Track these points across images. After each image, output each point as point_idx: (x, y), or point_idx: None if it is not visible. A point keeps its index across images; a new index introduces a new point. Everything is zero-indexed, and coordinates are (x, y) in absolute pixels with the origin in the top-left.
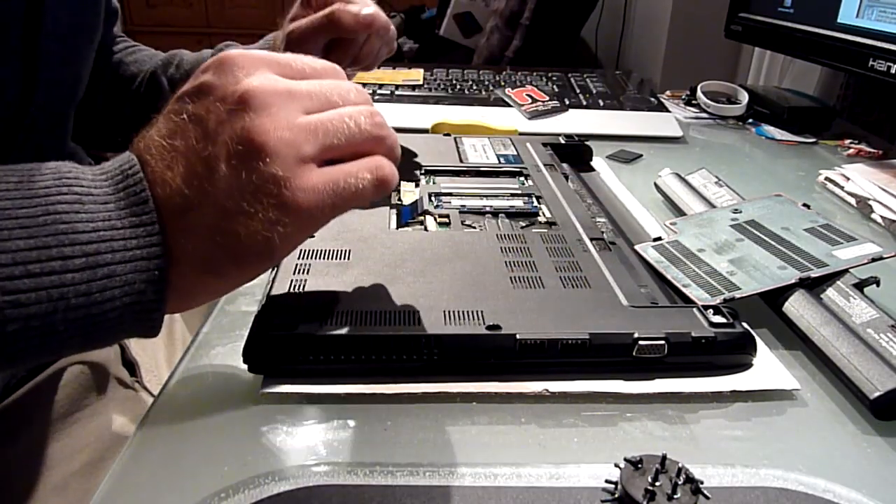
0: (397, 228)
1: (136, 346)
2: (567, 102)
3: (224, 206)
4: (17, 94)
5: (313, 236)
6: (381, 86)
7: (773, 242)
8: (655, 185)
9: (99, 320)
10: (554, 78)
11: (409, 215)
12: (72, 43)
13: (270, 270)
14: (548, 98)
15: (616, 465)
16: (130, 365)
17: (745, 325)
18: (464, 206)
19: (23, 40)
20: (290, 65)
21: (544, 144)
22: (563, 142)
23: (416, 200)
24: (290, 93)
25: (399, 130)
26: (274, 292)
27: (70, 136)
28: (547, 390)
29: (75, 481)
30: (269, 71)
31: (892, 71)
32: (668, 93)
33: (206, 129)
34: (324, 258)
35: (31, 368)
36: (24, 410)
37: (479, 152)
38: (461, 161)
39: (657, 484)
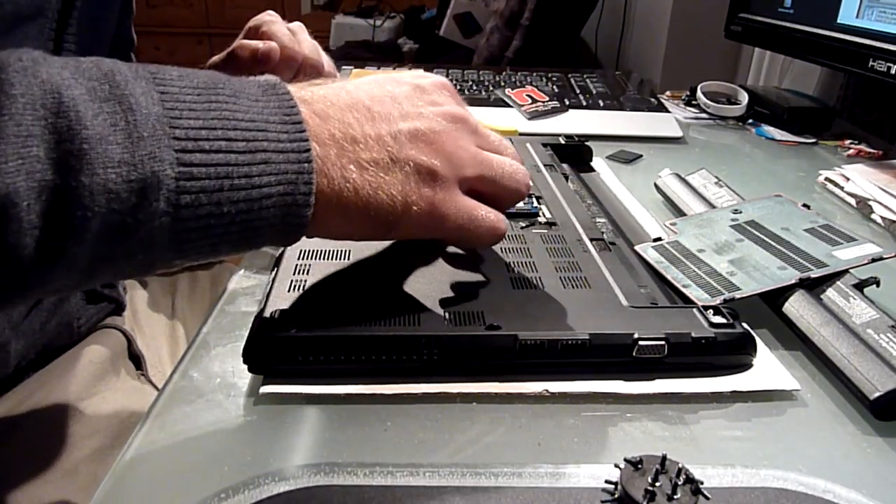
0: None
1: (140, 340)
2: (567, 103)
3: (386, 164)
4: None
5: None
6: None
7: (773, 243)
8: (655, 185)
9: (256, 206)
10: (554, 78)
11: None
12: (91, 37)
13: (270, 270)
14: (548, 98)
15: (616, 466)
16: (136, 359)
17: (745, 325)
18: None
19: (55, 36)
20: (487, 136)
21: (544, 145)
22: (563, 142)
23: None
24: (475, 127)
25: None
26: (274, 292)
27: None
28: (547, 390)
29: (85, 466)
30: (466, 109)
31: (892, 71)
32: (668, 93)
33: (406, 111)
34: (324, 258)
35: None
36: (37, 394)
37: None
38: None
39: (657, 484)
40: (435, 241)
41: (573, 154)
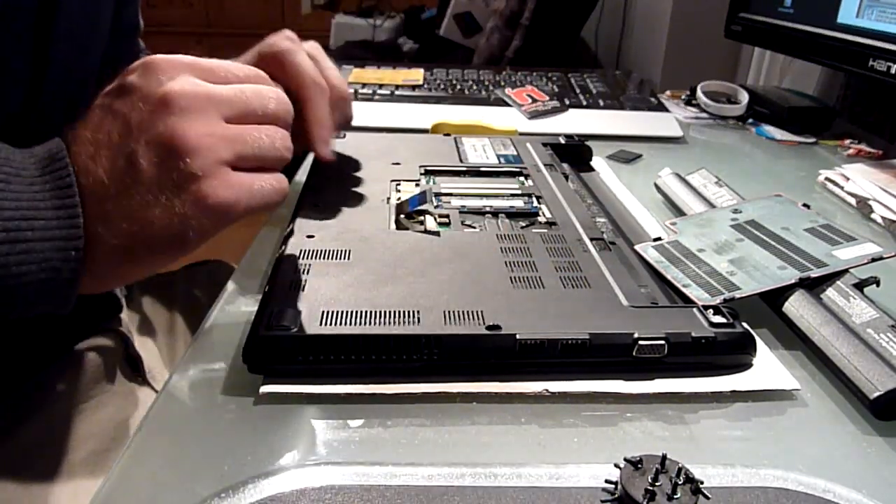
0: (397, 228)
1: (138, 341)
2: (567, 102)
3: (143, 199)
4: (28, 83)
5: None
6: (381, 86)
7: (773, 242)
8: (655, 185)
9: (14, 292)
10: (554, 78)
11: (416, 203)
12: (81, 38)
13: (271, 270)
14: (548, 98)
15: (616, 465)
16: (134, 360)
17: (745, 325)
18: (464, 206)
19: (35, 35)
20: (212, 70)
21: (544, 144)
22: (563, 142)
23: (424, 191)
24: (209, 97)
25: (399, 130)
26: (273, 292)
27: None
28: (547, 390)
29: (81, 469)
30: (191, 75)
31: (892, 71)
32: (668, 93)
33: (128, 126)
34: (324, 258)
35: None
36: (33, 398)
37: (479, 152)
38: (461, 161)
39: (657, 484)
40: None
41: (573, 154)
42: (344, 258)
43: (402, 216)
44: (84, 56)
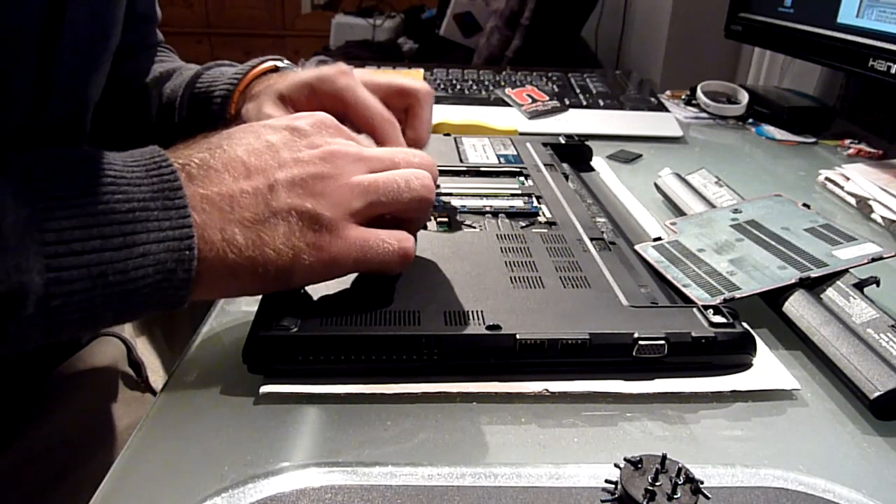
0: None
1: (140, 346)
2: (567, 102)
3: (267, 220)
4: (31, 101)
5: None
6: None
7: (773, 242)
8: (655, 185)
9: (133, 296)
10: (554, 78)
11: None
12: (88, 51)
13: None
14: (548, 98)
15: (616, 465)
16: (136, 365)
17: (745, 325)
18: (464, 206)
19: (38, 52)
20: (362, 141)
21: (544, 144)
22: (563, 142)
23: None
24: (359, 156)
25: None
26: (273, 293)
27: (86, 139)
28: (547, 390)
29: (85, 475)
30: (351, 141)
31: (892, 71)
32: (668, 93)
33: (282, 159)
34: None
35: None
36: (37, 404)
37: (479, 152)
38: (461, 161)
39: (657, 484)
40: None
41: (573, 154)
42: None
43: None
44: (91, 67)
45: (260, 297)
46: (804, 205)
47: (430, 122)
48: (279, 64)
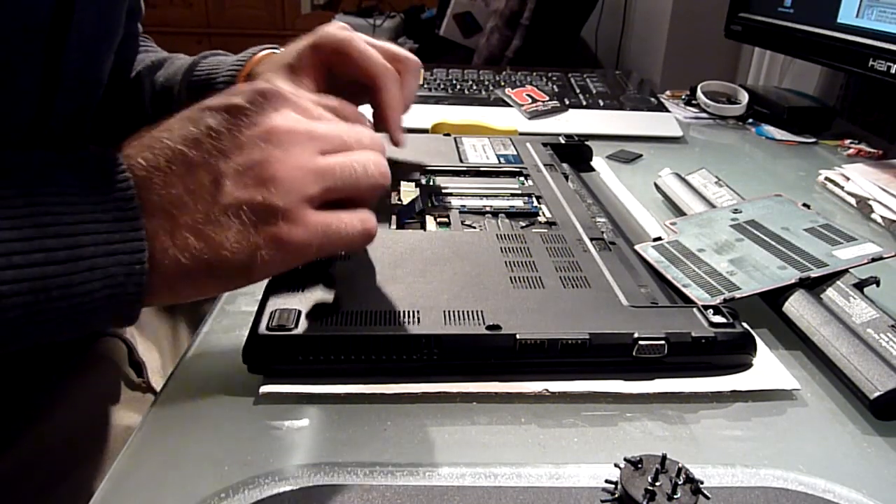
0: (397, 228)
1: (142, 346)
2: (567, 102)
3: (219, 220)
4: (38, 98)
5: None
6: None
7: (773, 242)
8: (655, 185)
9: (79, 311)
10: (554, 78)
11: (407, 217)
12: (94, 49)
13: None
14: (548, 98)
15: (616, 465)
16: (137, 366)
17: (745, 325)
18: (464, 206)
19: (45, 51)
20: (309, 110)
21: (544, 144)
22: (563, 142)
23: (413, 200)
24: (309, 134)
25: None
26: (273, 292)
27: (88, 137)
28: (547, 390)
29: (85, 475)
30: (294, 112)
31: (892, 71)
32: (668, 93)
33: (224, 146)
34: (323, 258)
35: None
36: (38, 405)
37: (479, 152)
38: (461, 161)
39: (657, 484)
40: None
41: (573, 154)
42: (344, 258)
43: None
44: (96, 65)
45: (260, 297)
46: (804, 205)
47: (415, 92)
48: (277, 50)
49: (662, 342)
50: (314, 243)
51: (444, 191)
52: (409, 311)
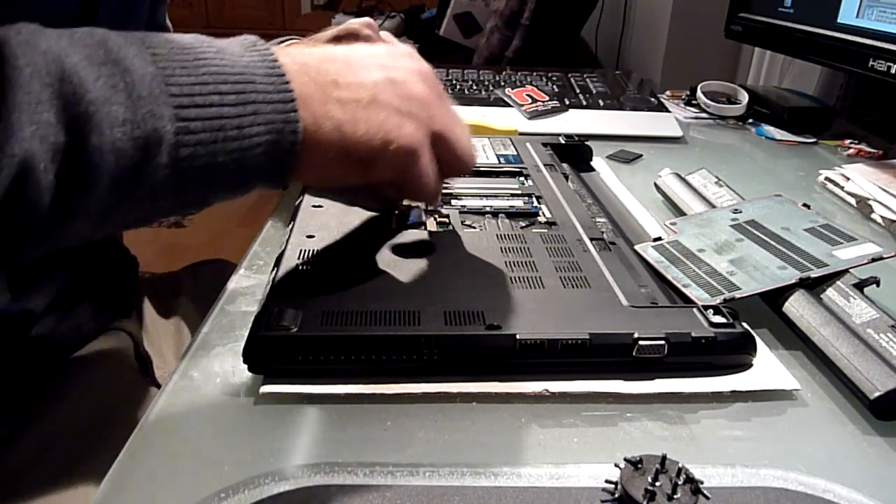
0: (397, 229)
1: (146, 342)
2: (567, 102)
3: (363, 105)
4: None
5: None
6: None
7: (773, 242)
8: (655, 185)
9: (248, 154)
10: (554, 78)
11: (410, 219)
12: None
13: (271, 270)
14: (548, 98)
15: (616, 465)
16: (143, 359)
17: (745, 325)
18: (464, 206)
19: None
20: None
21: (544, 144)
22: (563, 142)
23: (415, 210)
24: (443, 95)
25: None
26: (274, 292)
27: None
28: (547, 390)
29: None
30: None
31: (892, 71)
32: (668, 93)
33: (381, 62)
34: (324, 258)
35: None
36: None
37: (479, 152)
38: None
39: (657, 484)
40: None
41: (573, 154)
42: (344, 258)
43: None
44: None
45: (260, 297)
46: (804, 205)
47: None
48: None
49: (662, 342)
50: (425, 170)
51: (444, 191)
52: (409, 311)
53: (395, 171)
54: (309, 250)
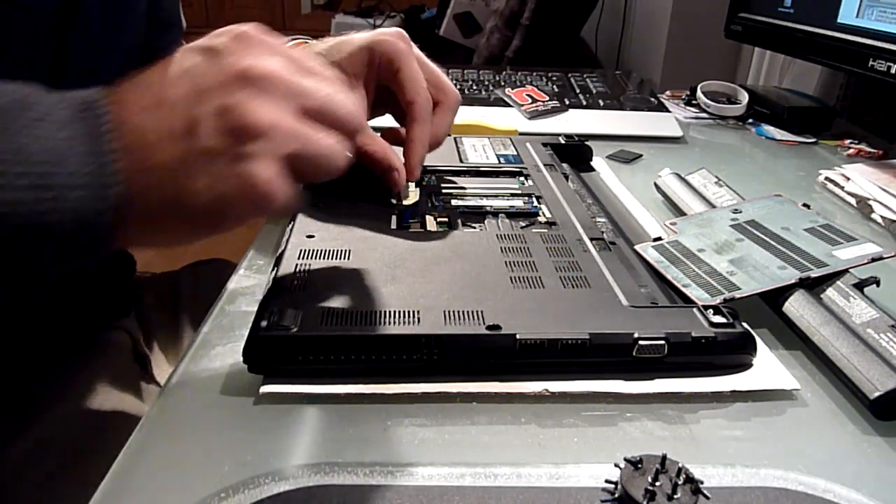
0: (397, 228)
1: (145, 339)
2: (567, 102)
3: (192, 164)
4: (47, 86)
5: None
6: None
7: (773, 242)
8: (655, 185)
9: (45, 242)
10: (554, 78)
11: (409, 216)
12: (102, 43)
13: (271, 270)
14: (548, 98)
15: (616, 465)
16: (142, 358)
17: (745, 325)
18: (464, 206)
19: (53, 40)
20: (300, 61)
21: (544, 144)
22: (563, 142)
23: (417, 202)
24: (290, 85)
25: None
26: (273, 292)
27: None
28: (547, 390)
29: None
30: (280, 58)
31: (892, 71)
32: (668, 93)
33: (200, 88)
34: (324, 258)
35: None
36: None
37: (479, 152)
38: (461, 161)
39: (657, 484)
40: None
41: (573, 154)
42: (344, 258)
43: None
44: (103, 61)
45: (260, 297)
46: (804, 205)
47: (447, 129)
48: (309, 41)
49: (662, 342)
50: (281, 198)
51: (444, 191)
52: (409, 311)
53: (254, 213)
54: (309, 250)
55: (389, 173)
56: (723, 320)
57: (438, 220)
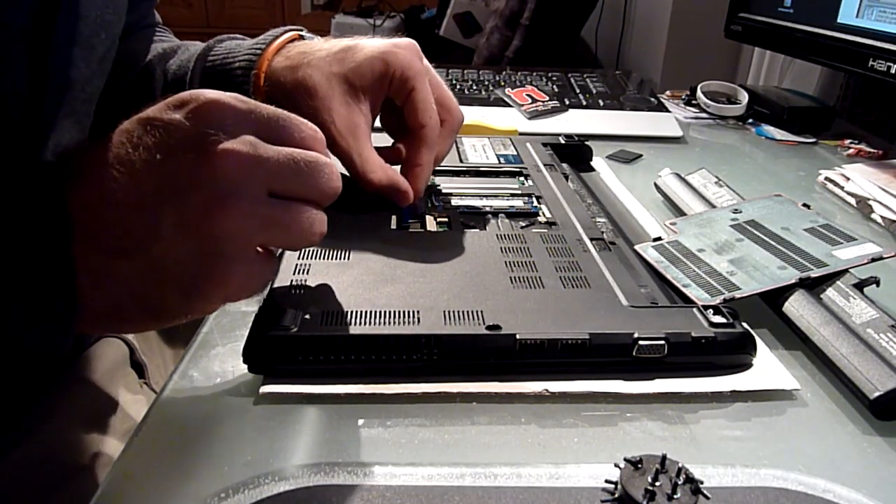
0: (397, 228)
1: (142, 346)
2: (567, 102)
3: (151, 273)
4: (25, 99)
5: None
6: None
7: (773, 242)
8: (655, 185)
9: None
10: (554, 78)
11: (409, 216)
12: (88, 44)
13: None
14: (548, 98)
15: (616, 465)
16: (139, 366)
17: (745, 325)
18: (464, 206)
19: (28, 51)
20: (270, 123)
21: (544, 144)
22: (563, 142)
23: (417, 202)
24: (260, 167)
25: None
26: (273, 292)
27: (88, 130)
28: (547, 390)
29: (88, 476)
30: (247, 127)
31: (892, 71)
32: (668, 93)
33: (162, 186)
34: (324, 258)
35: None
36: (41, 406)
37: (479, 152)
38: (461, 161)
39: (657, 484)
40: (434, 239)
41: (573, 154)
42: (344, 258)
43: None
44: (89, 57)
45: (260, 297)
46: (804, 205)
47: (449, 148)
48: (302, 34)
49: (662, 342)
50: (243, 294)
51: (444, 191)
52: (409, 311)
53: (211, 309)
54: (309, 250)
55: (395, 197)
56: (723, 320)
57: (438, 220)
